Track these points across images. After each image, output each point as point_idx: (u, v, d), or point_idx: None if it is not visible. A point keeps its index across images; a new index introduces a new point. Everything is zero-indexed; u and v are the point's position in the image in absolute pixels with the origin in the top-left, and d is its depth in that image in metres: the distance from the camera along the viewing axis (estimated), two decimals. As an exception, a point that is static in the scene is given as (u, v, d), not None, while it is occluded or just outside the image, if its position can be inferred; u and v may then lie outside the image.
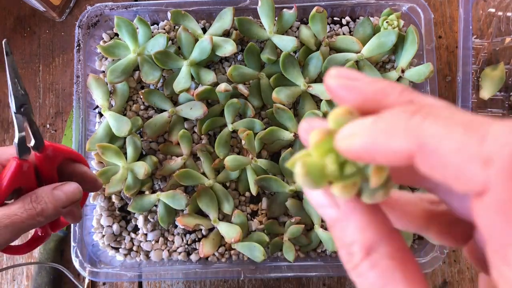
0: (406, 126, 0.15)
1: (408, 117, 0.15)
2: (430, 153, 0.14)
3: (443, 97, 0.53)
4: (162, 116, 0.49)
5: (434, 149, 0.14)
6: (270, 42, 0.49)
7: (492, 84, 0.52)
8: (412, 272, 0.17)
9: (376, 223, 0.18)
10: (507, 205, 0.13)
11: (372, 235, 0.17)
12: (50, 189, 0.35)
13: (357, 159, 0.17)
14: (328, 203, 0.18)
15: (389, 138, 0.15)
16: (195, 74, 0.49)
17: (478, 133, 0.14)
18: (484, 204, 0.14)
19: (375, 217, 0.18)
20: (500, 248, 0.14)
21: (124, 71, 0.49)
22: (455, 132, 0.14)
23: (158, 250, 0.49)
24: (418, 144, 0.15)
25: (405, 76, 0.49)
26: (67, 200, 0.35)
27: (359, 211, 0.18)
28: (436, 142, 0.14)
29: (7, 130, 0.55)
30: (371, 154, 0.16)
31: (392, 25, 0.48)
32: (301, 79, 0.48)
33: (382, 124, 0.16)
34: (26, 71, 0.56)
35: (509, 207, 0.13)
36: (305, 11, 0.51)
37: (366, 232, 0.17)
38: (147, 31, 0.50)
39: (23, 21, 0.57)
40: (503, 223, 0.14)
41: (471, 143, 0.14)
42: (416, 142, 0.15)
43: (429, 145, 0.14)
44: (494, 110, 0.53)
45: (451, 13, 0.56)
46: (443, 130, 0.14)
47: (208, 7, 0.50)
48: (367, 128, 0.16)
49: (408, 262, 0.17)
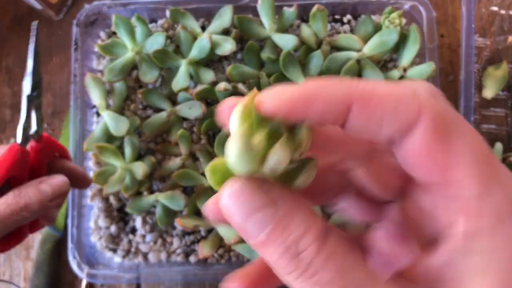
0: (342, 82, 0.17)
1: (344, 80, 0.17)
2: (370, 96, 0.16)
3: (446, 96, 0.53)
4: (160, 116, 0.48)
5: (372, 92, 0.16)
6: (270, 41, 0.49)
7: (495, 83, 0.52)
8: (360, 255, 0.16)
9: (311, 211, 0.17)
10: (441, 125, 0.16)
11: (322, 220, 0.16)
12: (36, 183, 0.34)
13: (290, 112, 0.16)
14: (263, 202, 0.16)
15: (328, 87, 0.16)
16: (194, 73, 0.48)
17: (403, 83, 0.17)
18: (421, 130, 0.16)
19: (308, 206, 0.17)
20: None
21: (122, 70, 0.48)
22: (386, 84, 0.17)
23: (157, 252, 0.49)
24: (357, 92, 0.16)
25: (407, 75, 0.48)
26: (53, 193, 0.34)
27: (301, 200, 0.17)
28: (372, 87, 0.16)
29: (4, 130, 0.55)
30: (307, 105, 0.16)
31: (394, 24, 0.48)
32: (301, 78, 0.47)
33: (322, 81, 0.17)
34: (23, 70, 0.55)
35: (443, 127, 0.16)
36: (306, 9, 0.50)
37: (316, 218, 0.16)
38: (145, 29, 0.49)
39: (20, 20, 0.56)
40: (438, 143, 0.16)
41: (400, 87, 0.17)
42: (355, 90, 0.16)
43: (367, 90, 0.16)
44: (497, 110, 0.52)
45: (453, 11, 0.55)
46: (375, 83, 0.17)
47: (207, 5, 0.50)
48: (304, 85, 0.17)
49: (354, 245, 0.16)
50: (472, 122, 0.46)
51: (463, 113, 0.47)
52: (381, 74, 0.48)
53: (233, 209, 0.16)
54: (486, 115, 0.52)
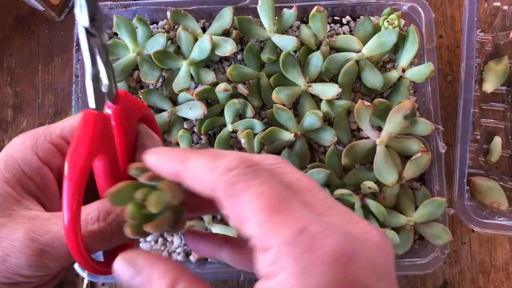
0: (177, 156, 0.23)
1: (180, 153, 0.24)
2: (187, 169, 0.23)
3: (444, 96, 0.53)
4: (161, 116, 0.49)
5: (190, 166, 0.23)
6: (270, 42, 0.49)
7: (496, 77, 0.52)
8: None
9: (169, 263, 0.23)
10: (232, 190, 0.21)
11: (173, 273, 0.22)
12: None
13: (154, 170, 0.24)
14: (133, 271, 0.23)
15: (168, 162, 0.23)
16: (195, 74, 0.48)
17: (215, 157, 0.22)
18: (219, 195, 0.22)
19: (165, 259, 0.23)
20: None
21: (123, 70, 0.49)
22: (203, 158, 0.22)
23: (158, 251, 0.49)
24: (182, 166, 0.23)
25: (405, 76, 0.48)
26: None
27: (158, 261, 0.23)
28: (191, 162, 0.23)
29: (6, 130, 0.55)
30: (158, 170, 0.24)
31: (392, 25, 0.48)
32: (301, 79, 0.48)
33: (164, 156, 0.24)
34: (25, 71, 0.56)
35: (235, 191, 0.21)
36: (305, 11, 0.51)
37: (169, 272, 0.22)
38: (147, 30, 0.49)
39: (22, 21, 0.57)
40: (231, 205, 0.21)
41: (209, 162, 0.22)
42: (181, 165, 0.23)
43: (188, 163, 0.23)
44: (497, 105, 0.53)
45: (452, 12, 0.55)
46: (197, 156, 0.23)
47: (208, 7, 0.50)
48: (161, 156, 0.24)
49: (200, 283, 0.23)
50: (471, 116, 0.46)
51: (462, 106, 0.47)
52: (380, 75, 0.48)
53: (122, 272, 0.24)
54: (485, 109, 0.53)
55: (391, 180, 0.45)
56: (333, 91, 0.46)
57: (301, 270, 0.19)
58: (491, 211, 0.48)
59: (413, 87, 0.51)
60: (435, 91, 0.48)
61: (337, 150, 0.47)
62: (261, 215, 0.20)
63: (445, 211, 0.46)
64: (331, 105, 0.47)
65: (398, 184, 0.46)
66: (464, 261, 0.51)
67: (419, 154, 0.46)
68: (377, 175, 0.46)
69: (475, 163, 0.51)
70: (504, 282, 0.50)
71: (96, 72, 0.24)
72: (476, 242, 0.51)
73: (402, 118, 0.45)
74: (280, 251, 0.19)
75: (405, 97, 0.49)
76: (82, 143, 0.22)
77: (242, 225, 0.21)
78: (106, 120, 0.24)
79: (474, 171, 0.50)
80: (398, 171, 0.46)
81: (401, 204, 0.47)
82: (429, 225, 0.46)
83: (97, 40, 0.24)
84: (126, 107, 0.25)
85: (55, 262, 0.25)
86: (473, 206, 0.47)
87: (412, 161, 0.46)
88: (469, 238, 0.51)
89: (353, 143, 0.47)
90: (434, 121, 0.48)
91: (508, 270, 0.50)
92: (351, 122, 0.50)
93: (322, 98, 0.47)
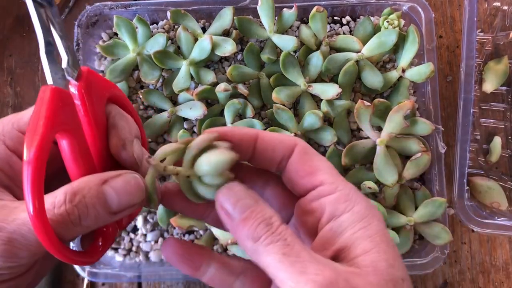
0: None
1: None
2: (267, 135, 0.28)
3: (444, 96, 0.53)
4: (161, 116, 0.49)
5: (268, 134, 0.28)
6: (270, 42, 0.49)
7: (496, 77, 0.52)
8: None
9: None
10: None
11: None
12: (97, 182, 0.24)
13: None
14: (246, 195, 0.25)
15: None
16: (195, 74, 0.48)
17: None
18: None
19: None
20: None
21: (124, 70, 0.49)
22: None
23: (158, 251, 0.49)
24: (260, 132, 0.28)
25: (405, 76, 0.48)
26: (119, 204, 0.24)
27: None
28: (268, 133, 0.28)
29: (6, 130, 0.55)
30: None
31: (392, 25, 0.48)
32: (301, 79, 0.48)
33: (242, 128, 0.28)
34: (25, 71, 0.56)
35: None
36: (305, 11, 0.51)
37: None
38: (147, 30, 0.49)
39: (22, 21, 0.57)
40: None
41: (281, 133, 0.26)
42: (259, 132, 0.28)
43: (265, 133, 0.28)
44: (497, 105, 0.53)
45: (452, 12, 0.55)
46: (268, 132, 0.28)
47: (208, 7, 0.50)
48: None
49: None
50: (471, 116, 0.46)
51: (462, 106, 0.47)
52: (380, 75, 0.48)
53: (225, 199, 0.24)
54: (485, 109, 0.53)
55: (391, 180, 0.45)
56: (333, 91, 0.46)
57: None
58: (491, 211, 0.48)
59: (413, 87, 0.51)
60: (435, 91, 0.48)
61: (337, 150, 0.47)
62: (333, 174, 0.27)
63: (445, 211, 0.46)
64: (331, 105, 0.47)
65: (398, 184, 0.46)
66: (464, 261, 0.51)
67: (419, 154, 0.46)
68: (377, 175, 0.46)
69: (475, 163, 0.51)
70: (504, 282, 0.50)
71: (50, 46, 0.22)
72: (476, 242, 0.51)
73: (402, 118, 0.45)
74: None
75: (405, 97, 0.49)
76: (38, 119, 0.21)
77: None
78: (66, 95, 0.22)
79: (474, 171, 0.51)
80: (398, 171, 0.46)
81: (401, 204, 0.47)
82: (429, 225, 0.46)
83: (48, 11, 0.23)
84: (91, 85, 0.24)
85: (25, 250, 0.24)
86: (473, 206, 0.47)
87: (412, 161, 0.46)
88: (469, 238, 0.51)
89: (353, 143, 0.47)
90: (434, 121, 0.48)
91: (508, 270, 0.50)
92: (351, 122, 0.50)
93: (322, 98, 0.47)
